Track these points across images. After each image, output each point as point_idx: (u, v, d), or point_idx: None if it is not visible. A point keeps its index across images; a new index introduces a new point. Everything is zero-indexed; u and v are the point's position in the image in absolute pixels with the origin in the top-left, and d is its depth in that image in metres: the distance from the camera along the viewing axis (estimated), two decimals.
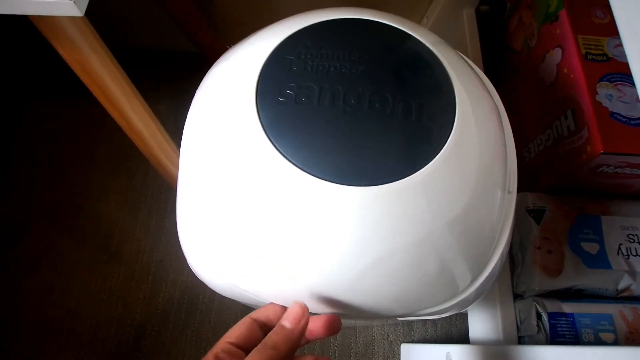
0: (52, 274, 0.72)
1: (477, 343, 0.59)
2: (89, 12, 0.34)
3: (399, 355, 0.69)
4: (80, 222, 0.76)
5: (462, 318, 0.69)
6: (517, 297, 0.55)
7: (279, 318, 0.28)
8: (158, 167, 0.59)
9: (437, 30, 0.46)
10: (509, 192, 0.37)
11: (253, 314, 0.30)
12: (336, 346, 0.69)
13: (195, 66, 0.50)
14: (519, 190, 0.59)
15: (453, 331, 0.72)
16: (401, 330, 0.71)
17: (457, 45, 0.73)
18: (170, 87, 0.86)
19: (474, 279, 0.34)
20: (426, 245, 0.28)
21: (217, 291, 0.38)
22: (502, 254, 0.35)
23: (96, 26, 0.41)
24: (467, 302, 0.36)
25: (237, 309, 0.70)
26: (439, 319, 0.70)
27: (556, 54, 0.55)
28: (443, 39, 0.51)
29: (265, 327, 0.30)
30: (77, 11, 0.33)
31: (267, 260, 0.30)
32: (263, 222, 0.29)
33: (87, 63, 0.42)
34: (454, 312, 0.38)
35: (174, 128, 0.47)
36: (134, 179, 0.79)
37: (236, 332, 0.29)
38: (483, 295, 0.39)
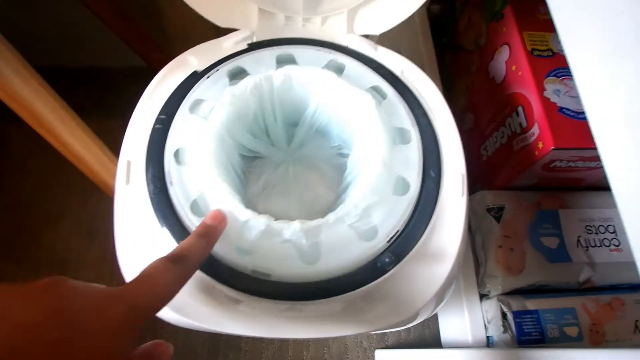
0: None
1: (448, 346, 0.59)
2: (21, 35, 0.31)
3: None
4: (33, 250, 0.72)
5: (435, 320, 0.69)
6: (483, 297, 0.54)
7: None
8: (106, 189, 0.56)
9: (389, 32, 0.46)
10: (460, 197, 0.36)
11: None
12: (309, 358, 0.68)
13: (149, 80, 0.48)
14: (479, 189, 0.59)
15: (427, 333, 0.71)
16: (374, 337, 0.70)
17: (410, 45, 0.73)
18: (124, 103, 0.83)
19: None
20: None
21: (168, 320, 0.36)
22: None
23: (40, 49, 0.39)
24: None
25: (205, 333, 0.67)
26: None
27: (504, 52, 0.55)
28: (395, 39, 0.50)
29: None
30: None
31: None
32: None
33: (8, 86, 0.39)
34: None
35: None
36: (87, 202, 0.76)
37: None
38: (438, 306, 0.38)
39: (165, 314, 0.34)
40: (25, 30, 0.74)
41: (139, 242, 0.34)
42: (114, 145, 0.45)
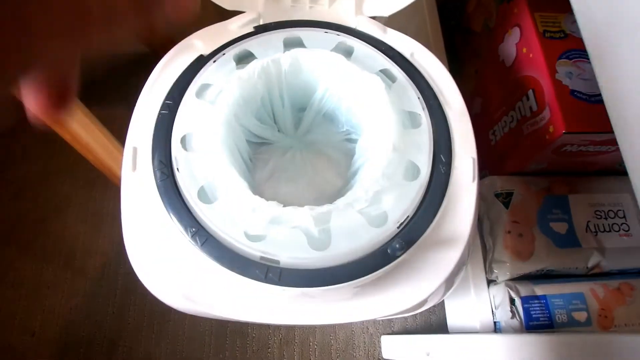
0: (13, 297, 0.68)
1: (455, 332, 0.59)
2: None
3: (380, 347, 0.68)
4: (40, 239, 0.72)
5: (441, 306, 0.69)
6: (490, 282, 0.54)
7: None
8: (112, 177, 0.56)
9: (396, 15, 0.44)
10: (470, 182, 0.35)
11: None
12: (316, 344, 0.68)
13: (153, 66, 0.47)
14: (487, 174, 0.58)
15: (433, 319, 0.71)
16: (381, 323, 0.70)
17: (417, 28, 0.72)
18: (129, 90, 0.82)
19: None
20: None
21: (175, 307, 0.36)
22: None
23: None
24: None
25: (212, 319, 0.67)
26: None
27: (514, 34, 0.54)
28: (403, 23, 0.49)
29: None
30: None
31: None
32: None
33: None
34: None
35: None
36: (93, 190, 0.76)
37: None
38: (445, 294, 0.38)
39: (173, 300, 0.34)
40: None
41: (146, 228, 0.33)
42: (119, 133, 0.44)
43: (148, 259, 0.33)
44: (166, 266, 0.33)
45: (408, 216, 0.33)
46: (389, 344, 0.67)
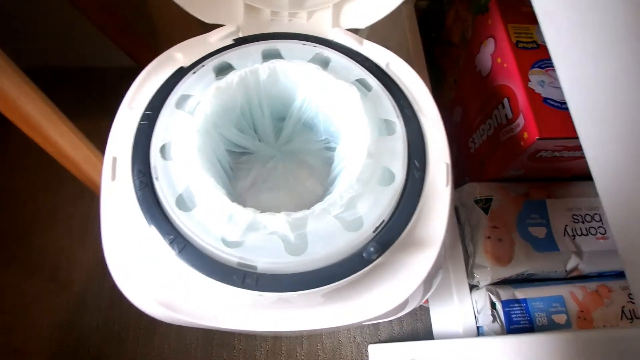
0: None
1: (440, 337, 0.60)
2: (7, 35, 0.31)
3: (367, 356, 0.68)
4: (24, 253, 0.72)
5: (427, 312, 0.69)
6: (472, 288, 0.55)
7: None
8: (97, 191, 0.56)
9: (377, 27, 0.46)
10: (444, 187, 0.36)
11: None
12: (303, 355, 0.68)
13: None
14: (468, 181, 0.59)
15: (419, 326, 0.72)
16: (367, 332, 0.70)
17: (398, 41, 0.74)
18: (113, 104, 0.83)
19: None
20: None
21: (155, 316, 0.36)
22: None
23: (27, 49, 0.39)
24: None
25: (199, 329, 0.67)
26: (402, 316, 0.70)
27: (489, 45, 0.56)
28: (384, 36, 0.51)
29: None
30: None
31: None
32: None
33: None
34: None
35: None
36: (78, 204, 0.75)
37: None
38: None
39: (152, 308, 0.35)
40: (13, 30, 0.74)
41: (125, 236, 0.34)
42: (102, 145, 0.45)
43: (127, 267, 0.33)
44: (145, 274, 0.33)
45: (383, 220, 0.34)
46: (376, 352, 0.67)
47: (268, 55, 0.41)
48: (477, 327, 0.52)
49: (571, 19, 0.31)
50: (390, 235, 0.34)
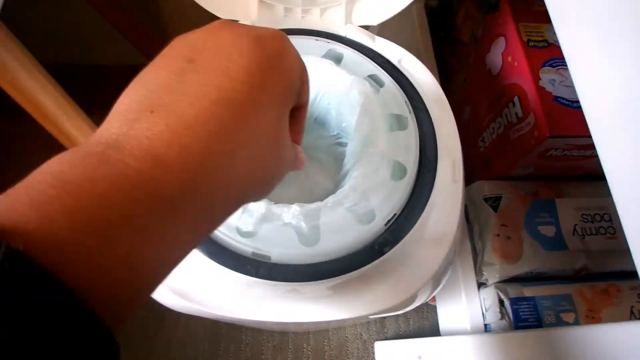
0: None
1: (447, 334, 0.60)
2: (19, 32, 0.32)
3: (374, 353, 0.69)
4: None
5: (433, 310, 0.70)
6: (481, 285, 0.55)
7: None
8: None
9: (387, 26, 0.46)
10: (454, 182, 0.37)
11: None
12: (309, 350, 0.68)
13: None
14: (477, 179, 0.60)
15: (425, 324, 0.72)
16: (374, 329, 0.71)
17: (408, 40, 0.74)
18: None
19: None
20: None
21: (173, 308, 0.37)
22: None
23: (38, 46, 0.40)
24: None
25: (206, 322, 0.68)
26: (408, 313, 0.70)
27: (500, 43, 0.56)
28: (394, 34, 0.51)
29: None
30: None
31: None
32: None
33: (14, 78, 0.40)
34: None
35: None
36: None
37: None
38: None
39: (166, 298, 0.35)
40: (25, 27, 0.75)
41: None
42: None
43: None
44: None
45: (395, 214, 0.35)
46: (383, 349, 0.67)
47: None
48: (485, 325, 0.53)
49: (585, 18, 0.31)
50: (402, 228, 0.34)
